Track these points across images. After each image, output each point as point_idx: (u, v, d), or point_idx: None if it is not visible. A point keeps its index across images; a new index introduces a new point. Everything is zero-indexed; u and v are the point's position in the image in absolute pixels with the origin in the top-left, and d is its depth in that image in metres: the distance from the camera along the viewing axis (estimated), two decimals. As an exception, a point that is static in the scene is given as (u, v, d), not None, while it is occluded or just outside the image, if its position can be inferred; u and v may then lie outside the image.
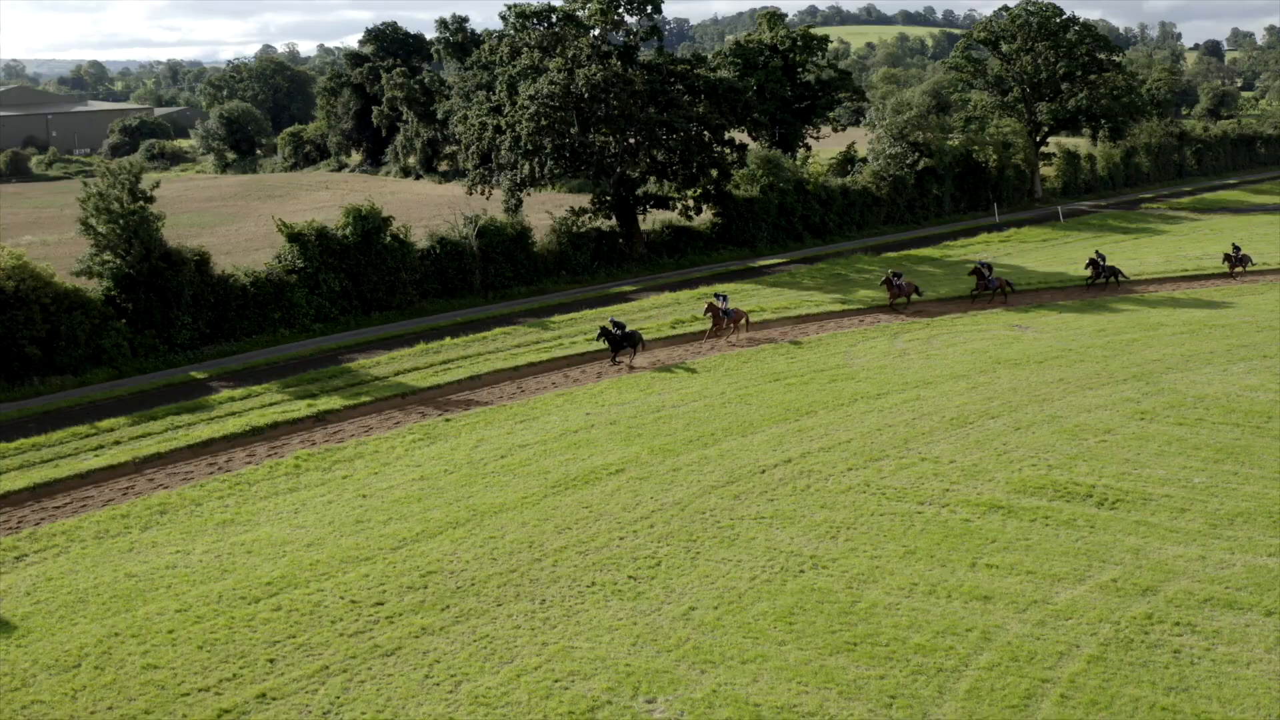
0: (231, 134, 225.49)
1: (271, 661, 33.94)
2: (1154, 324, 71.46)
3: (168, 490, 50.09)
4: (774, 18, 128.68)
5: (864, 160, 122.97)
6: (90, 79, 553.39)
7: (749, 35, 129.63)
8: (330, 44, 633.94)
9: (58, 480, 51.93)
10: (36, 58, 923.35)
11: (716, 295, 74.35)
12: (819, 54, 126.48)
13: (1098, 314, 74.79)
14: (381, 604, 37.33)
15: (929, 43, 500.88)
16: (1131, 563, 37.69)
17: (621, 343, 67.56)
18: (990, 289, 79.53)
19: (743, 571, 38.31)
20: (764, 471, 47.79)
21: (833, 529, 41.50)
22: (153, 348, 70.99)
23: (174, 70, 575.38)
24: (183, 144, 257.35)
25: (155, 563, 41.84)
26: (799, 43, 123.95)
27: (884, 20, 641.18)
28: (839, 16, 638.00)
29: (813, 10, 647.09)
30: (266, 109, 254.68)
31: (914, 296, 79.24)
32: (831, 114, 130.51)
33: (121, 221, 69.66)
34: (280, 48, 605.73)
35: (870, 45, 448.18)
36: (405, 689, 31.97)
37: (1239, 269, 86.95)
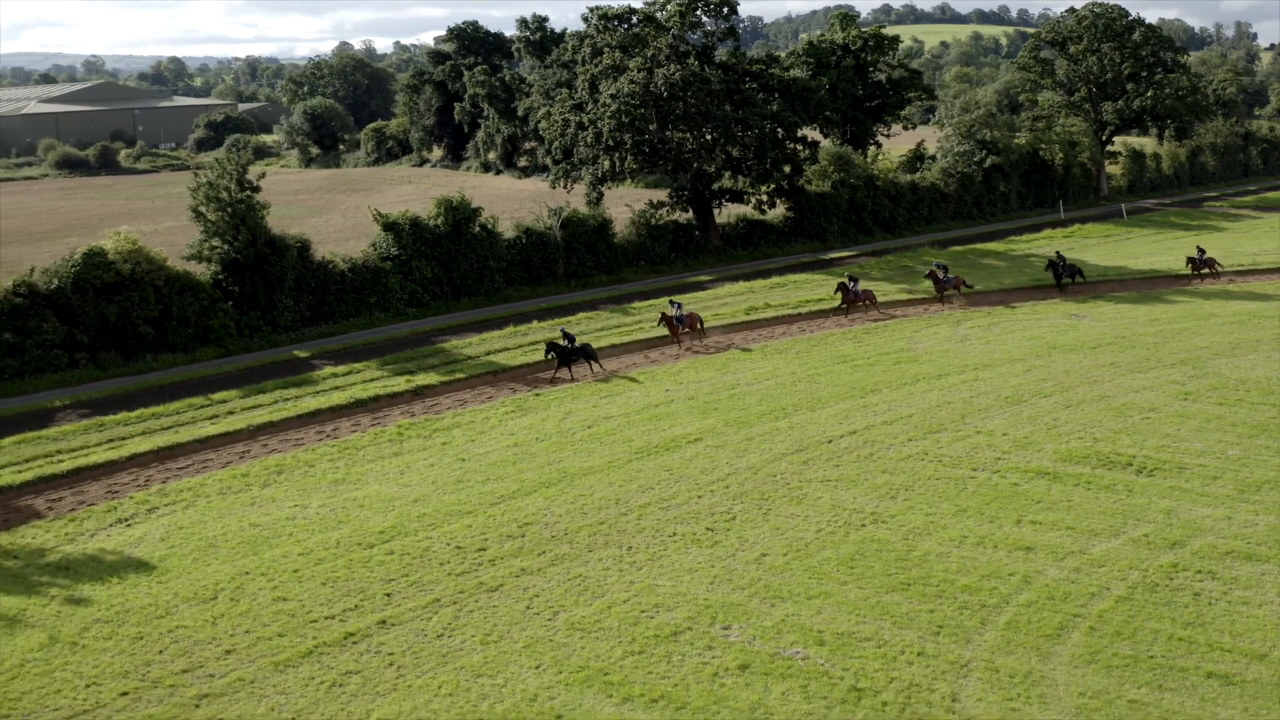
0: (315, 129, 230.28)
1: (388, 595, 38.43)
2: (1206, 314, 74.80)
3: (281, 454, 54.88)
4: (846, 18, 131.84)
5: (933, 158, 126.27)
6: (170, 75, 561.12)
7: (821, 35, 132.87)
8: (406, 41, 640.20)
9: (179, 444, 56.94)
10: (114, 53, 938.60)
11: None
12: (890, 54, 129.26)
13: (1152, 305, 78.21)
14: (484, 550, 41.77)
15: (1003, 42, 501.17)
16: (1163, 521, 41.52)
17: (572, 355, 66.40)
18: (947, 287, 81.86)
19: (809, 525, 42.49)
20: (831, 441, 51.88)
21: (892, 490, 45.57)
22: (257, 328, 75.81)
23: (253, 67, 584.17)
24: (266, 139, 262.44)
25: (276, 514, 46.54)
26: (870, 43, 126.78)
27: (958, 19, 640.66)
28: (913, 15, 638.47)
29: (887, 9, 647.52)
30: (347, 105, 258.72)
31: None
32: (902, 112, 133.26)
33: (229, 209, 74.51)
34: (356, 44, 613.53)
35: (944, 44, 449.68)
36: (509, 617, 36.34)
37: (1204, 270, 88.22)
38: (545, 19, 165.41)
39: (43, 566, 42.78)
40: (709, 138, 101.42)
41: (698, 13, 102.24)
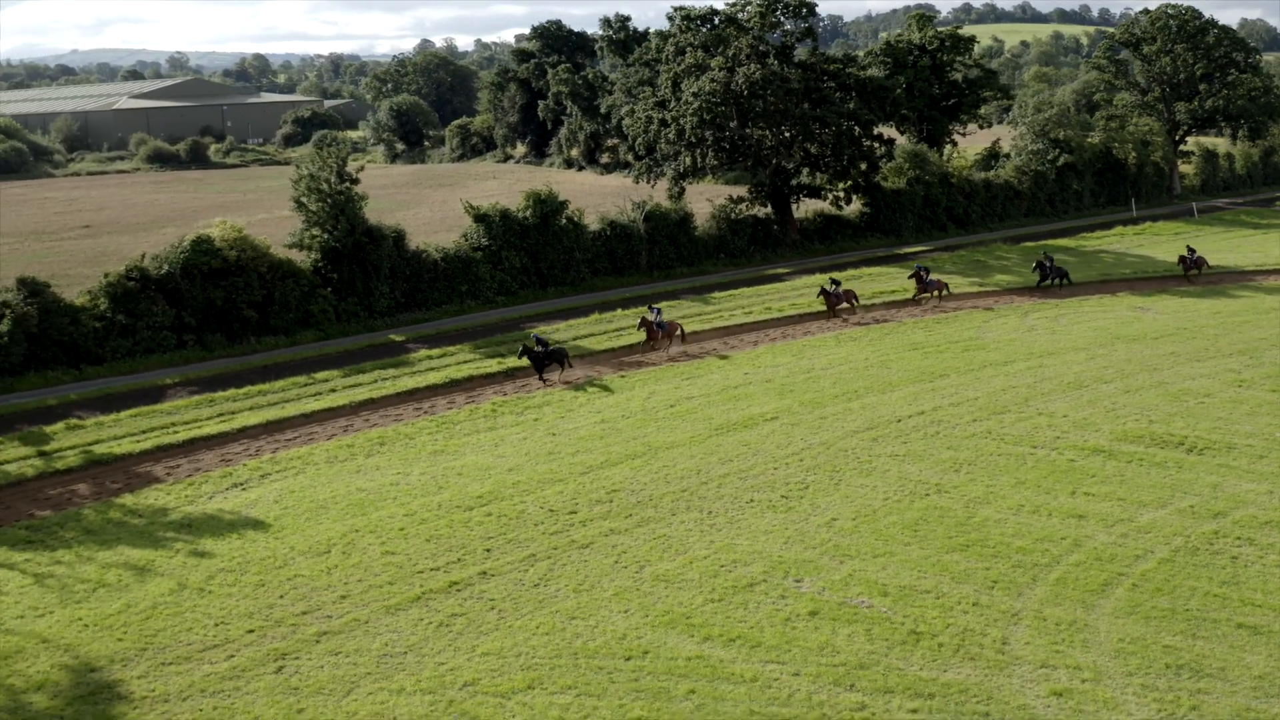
0: (401, 125, 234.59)
1: (488, 550, 41.99)
2: (1267, 308, 77.20)
3: (382, 428, 58.74)
4: (923, 19, 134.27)
5: (1007, 156, 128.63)
6: (254, 71, 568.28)
7: (899, 35, 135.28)
8: (487, 39, 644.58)
9: (286, 419, 60.97)
10: (197, 50, 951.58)
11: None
12: (966, 53, 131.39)
13: (1215, 299, 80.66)
14: (575, 512, 45.25)
15: (1083, 41, 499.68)
16: (1209, 494, 44.41)
17: (546, 360, 66.41)
18: (929, 289, 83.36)
19: (877, 494, 45.71)
20: (900, 420, 55.01)
21: (956, 465, 48.66)
22: (354, 314, 79.80)
23: (335, 64, 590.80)
24: (351, 134, 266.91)
25: (380, 481, 50.27)
26: (946, 42, 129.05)
27: (1039, 18, 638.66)
28: (993, 14, 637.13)
29: (967, 8, 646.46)
30: (431, 102, 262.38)
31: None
32: (979, 111, 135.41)
33: (329, 200, 78.48)
34: (438, 42, 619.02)
35: (1024, 44, 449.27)
36: (599, 570, 39.80)
37: (1194, 271, 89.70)
38: (628, 18, 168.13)
39: (166, 524, 46.75)
40: (787, 135, 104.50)
41: (777, 14, 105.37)
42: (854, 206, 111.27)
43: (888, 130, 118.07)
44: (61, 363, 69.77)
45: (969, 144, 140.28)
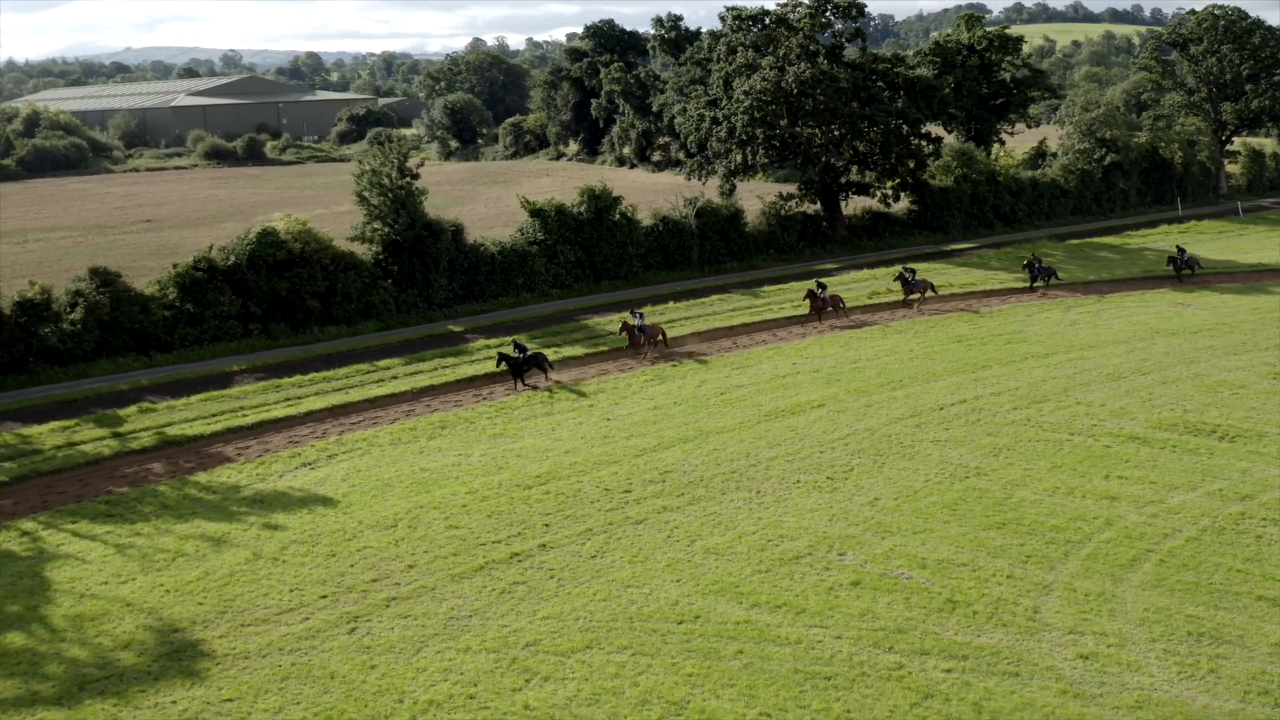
0: (455, 123, 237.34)
1: (547, 525, 44.33)
2: (1307, 304, 78.96)
3: (443, 413, 61.23)
4: (971, 19, 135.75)
5: (1054, 155, 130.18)
6: (307, 69, 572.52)
7: (948, 35, 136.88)
8: (539, 37, 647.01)
9: (350, 403, 63.57)
10: (250, 48, 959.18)
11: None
12: (1014, 54, 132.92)
13: (1255, 295, 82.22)
14: (629, 491, 47.50)
15: (1135, 41, 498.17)
16: (1238, 479, 46.30)
17: (524, 365, 66.04)
18: (916, 290, 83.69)
19: (918, 476, 47.77)
20: (942, 408, 57.00)
21: (995, 450, 50.64)
22: (413, 305, 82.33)
23: (388, 62, 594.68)
24: (405, 132, 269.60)
25: (443, 461, 52.71)
26: (995, 43, 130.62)
27: (1091, 18, 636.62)
28: (1045, 14, 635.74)
29: (1019, 8, 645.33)
30: (483, 100, 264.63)
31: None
32: (1027, 110, 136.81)
33: (390, 195, 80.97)
34: (489, 40, 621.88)
35: (1075, 43, 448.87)
36: (652, 543, 42.05)
37: (1185, 271, 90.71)
38: (680, 18, 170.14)
39: (239, 500, 49.32)
40: (836, 133, 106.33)
41: (828, 15, 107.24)
42: (902, 204, 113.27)
43: (935, 129, 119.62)
44: (132, 349, 72.51)
45: (1017, 143, 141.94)
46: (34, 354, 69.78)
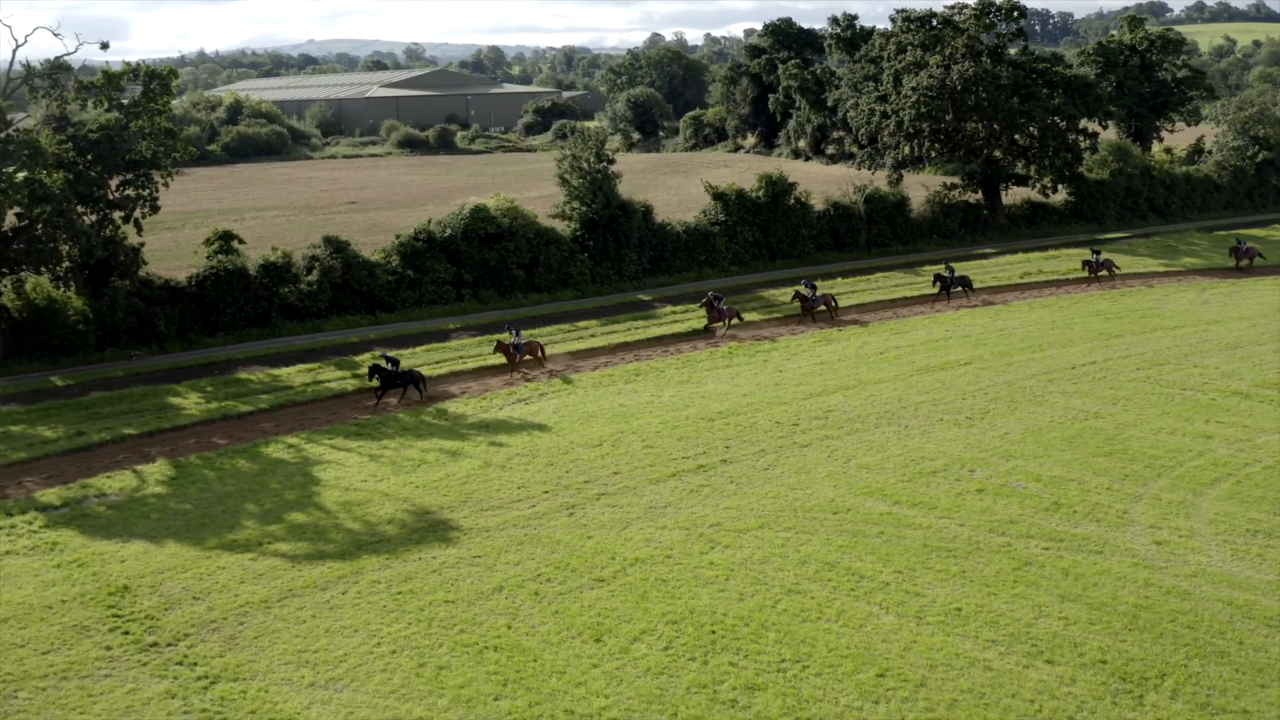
0: (637, 116, 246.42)
1: (727, 447, 53.55)
2: None
3: (637, 364, 70.73)
4: (1134, 20, 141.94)
5: (1209, 152, 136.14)
6: (489, 63, 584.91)
7: (1110, 36, 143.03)
8: (716, 33, 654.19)
9: (555, 355, 73.18)
10: (432, 41, 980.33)
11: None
12: (1176, 54, 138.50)
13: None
14: (797, 424, 56.50)
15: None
16: (1323, 424, 54.17)
17: (395, 381, 65.04)
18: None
19: (1044, 417, 56.14)
20: (1074, 368, 65.12)
21: (1114, 400, 58.72)
22: (606, 277, 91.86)
23: (569, 56, 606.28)
24: (588, 124, 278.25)
25: (637, 400, 62.11)
26: (1157, 43, 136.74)
27: (1273, 17, 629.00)
28: (1227, 13, 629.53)
29: (1200, 6, 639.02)
30: (663, 94, 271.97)
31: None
32: (1186, 109, 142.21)
33: (588, 177, 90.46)
34: (667, 35, 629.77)
35: (1256, 43, 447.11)
36: (815, 461, 51.03)
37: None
38: (855, 17, 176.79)
39: (467, 425, 59.20)
40: (997, 128, 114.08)
41: (991, 17, 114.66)
42: (1060, 195, 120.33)
43: (1093, 125, 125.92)
44: (359, 309, 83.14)
45: (1176, 140, 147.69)
46: (275, 310, 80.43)
